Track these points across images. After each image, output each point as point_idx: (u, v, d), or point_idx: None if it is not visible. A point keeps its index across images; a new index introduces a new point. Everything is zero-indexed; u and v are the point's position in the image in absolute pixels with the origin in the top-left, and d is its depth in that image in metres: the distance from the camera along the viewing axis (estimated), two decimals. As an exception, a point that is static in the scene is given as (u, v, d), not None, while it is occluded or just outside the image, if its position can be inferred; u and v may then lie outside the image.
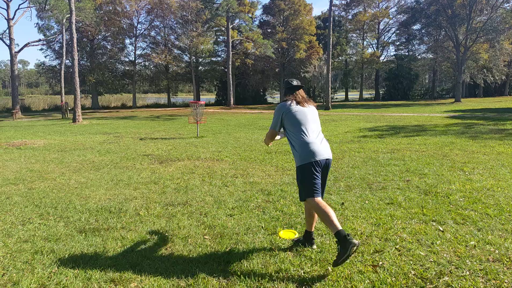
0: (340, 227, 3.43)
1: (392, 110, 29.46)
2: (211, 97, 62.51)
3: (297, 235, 4.30)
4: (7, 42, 33.54)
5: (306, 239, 4.06)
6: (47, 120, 27.55)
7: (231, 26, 43.43)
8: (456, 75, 44.66)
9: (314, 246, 3.99)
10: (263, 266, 3.59)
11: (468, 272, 3.39)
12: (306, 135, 3.77)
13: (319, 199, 3.67)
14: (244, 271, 3.50)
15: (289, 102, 3.91)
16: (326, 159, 3.78)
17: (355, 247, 3.30)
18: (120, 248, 4.08)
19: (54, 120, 26.70)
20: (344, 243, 3.31)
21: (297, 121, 3.81)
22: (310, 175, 3.69)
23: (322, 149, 3.76)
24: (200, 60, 51.55)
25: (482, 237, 4.12)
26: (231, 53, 43.06)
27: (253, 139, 13.15)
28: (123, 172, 8.15)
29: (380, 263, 3.59)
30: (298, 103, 3.90)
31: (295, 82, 4.04)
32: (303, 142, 3.74)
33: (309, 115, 3.89)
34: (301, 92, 4.03)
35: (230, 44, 43.00)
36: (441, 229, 4.38)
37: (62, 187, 6.89)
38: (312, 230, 4.05)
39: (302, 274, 3.43)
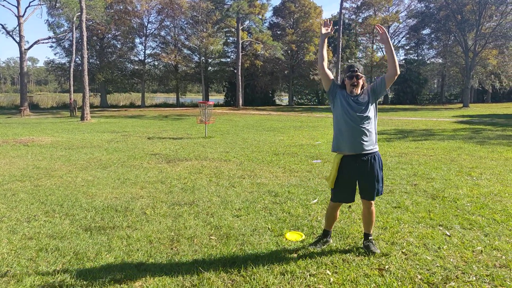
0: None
1: (400, 114, 29.30)
2: (220, 97, 62.65)
3: (303, 237, 4.29)
4: (17, 39, 33.65)
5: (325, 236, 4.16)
6: (55, 117, 27.74)
7: (241, 27, 43.52)
8: (464, 81, 44.35)
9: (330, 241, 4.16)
10: (268, 268, 3.58)
11: (474, 278, 3.36)
12: None
13: None
14: (250, 272, 3.49)
15: None
16: None
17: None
18: (125, 247, 4.08)
19: (62, 118, 26.89)
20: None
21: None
22: None
23: None
24: (210, 60, 51.71)
25: (489, 243, 4.09)
26: (240, 54, 43.13)
27: (261, 140, 13.14)
28: (130, 170, 8.18)
29: (387, 266, 3.57)
30: None
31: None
32: None
33: None
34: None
35: (240, 45, 43.09)
36: (448, 233, 4.35)
37: (69, 184, 6.92)
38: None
39: (308, 276, 3.42)
